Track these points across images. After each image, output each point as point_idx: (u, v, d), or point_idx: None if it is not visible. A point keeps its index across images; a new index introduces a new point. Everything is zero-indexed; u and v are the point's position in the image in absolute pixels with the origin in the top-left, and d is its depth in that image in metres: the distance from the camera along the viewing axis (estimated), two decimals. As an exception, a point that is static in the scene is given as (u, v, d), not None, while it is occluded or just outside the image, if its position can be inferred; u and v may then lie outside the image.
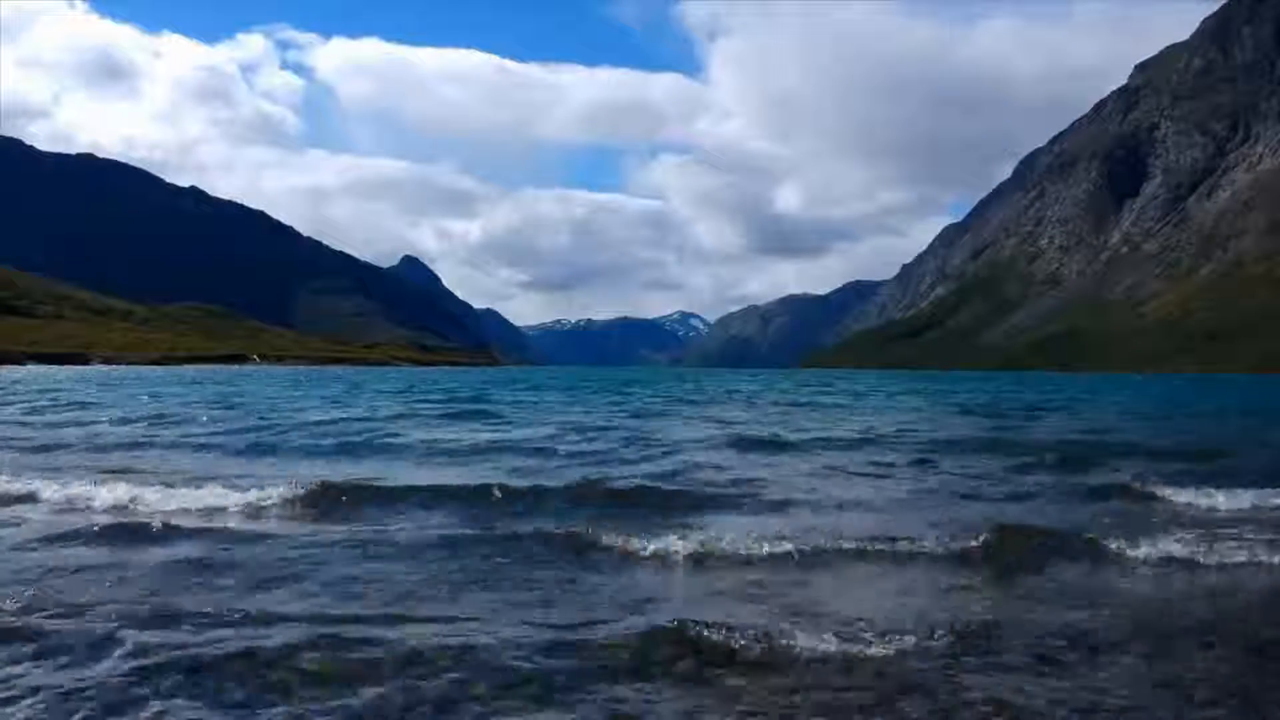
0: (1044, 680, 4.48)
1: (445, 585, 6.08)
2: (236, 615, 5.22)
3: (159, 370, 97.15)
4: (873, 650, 4.79)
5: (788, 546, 7.10)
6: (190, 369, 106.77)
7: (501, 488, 9.74)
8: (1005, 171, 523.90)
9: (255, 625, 5.06)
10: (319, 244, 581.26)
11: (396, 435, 16.91)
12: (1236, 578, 6.72)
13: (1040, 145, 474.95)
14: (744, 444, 15.75)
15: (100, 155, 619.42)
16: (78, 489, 9.33)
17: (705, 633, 4.94)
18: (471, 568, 6.58)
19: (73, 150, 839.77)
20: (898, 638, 4.97)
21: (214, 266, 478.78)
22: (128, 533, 7.53)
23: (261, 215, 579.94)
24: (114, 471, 11.13)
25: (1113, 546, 7.33)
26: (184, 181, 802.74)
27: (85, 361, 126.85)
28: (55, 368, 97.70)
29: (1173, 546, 7.30)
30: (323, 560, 6.70)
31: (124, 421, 19.40)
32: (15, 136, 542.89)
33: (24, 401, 27.76)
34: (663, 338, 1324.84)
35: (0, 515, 8.37)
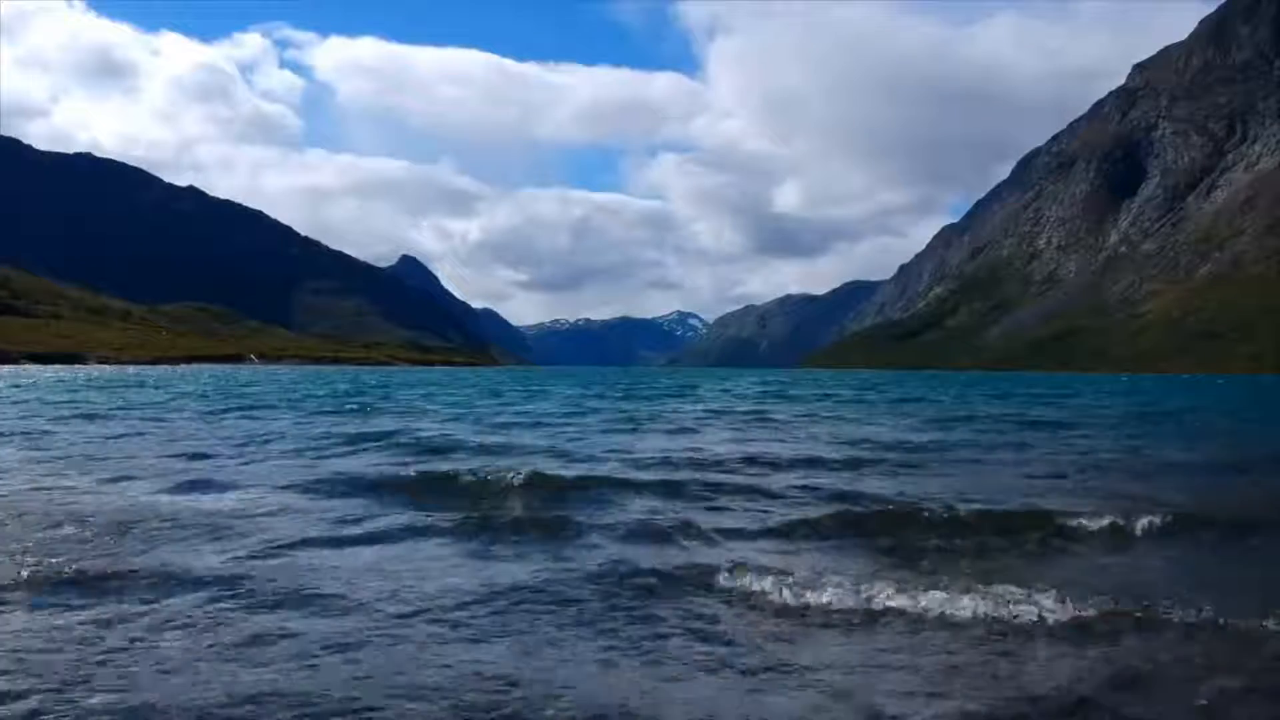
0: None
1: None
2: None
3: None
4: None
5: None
6: (184, 368, 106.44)
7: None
8: (1004, 171, 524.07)
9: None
10: (317, 244, 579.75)
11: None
12: None
13: (1039, 145, 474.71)
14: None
15: (98, 154, 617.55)
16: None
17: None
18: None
19: (71, 149, 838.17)
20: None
21: (213, 266, 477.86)
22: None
23: (260, 215, 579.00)
24: None
25: None
26: (182, 181, 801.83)
27: (82, 361, 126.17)
28: (54, 368, 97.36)
29: None
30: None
31: None
32: (13, 136, 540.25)
33: None
34: (661, 338, 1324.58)
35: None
